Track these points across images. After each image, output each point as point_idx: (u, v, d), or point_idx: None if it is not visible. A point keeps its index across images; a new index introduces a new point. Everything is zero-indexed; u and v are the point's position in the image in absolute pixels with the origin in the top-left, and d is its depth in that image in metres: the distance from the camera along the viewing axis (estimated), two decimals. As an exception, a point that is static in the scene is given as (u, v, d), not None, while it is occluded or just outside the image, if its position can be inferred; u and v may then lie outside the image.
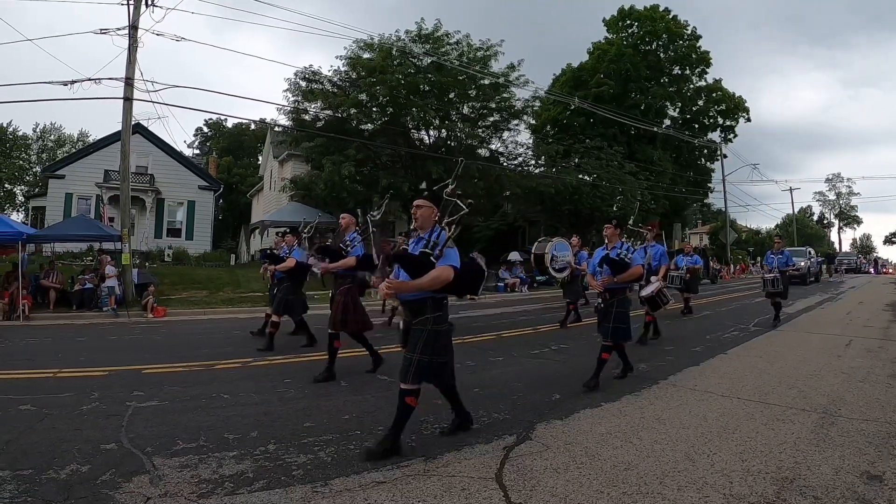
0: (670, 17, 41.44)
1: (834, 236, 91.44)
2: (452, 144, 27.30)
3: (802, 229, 69.71)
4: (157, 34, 17.82)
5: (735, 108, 43.36)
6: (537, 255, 11.54)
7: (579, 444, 4.61)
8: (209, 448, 4.52)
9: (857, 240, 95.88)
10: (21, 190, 54.00)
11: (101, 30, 17.24)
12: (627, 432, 4.90)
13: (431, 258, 4.31)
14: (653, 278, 10.11)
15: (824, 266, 40.39)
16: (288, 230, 10.41)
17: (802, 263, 28.19)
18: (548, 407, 5.73)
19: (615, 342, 6.75)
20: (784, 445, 4.53)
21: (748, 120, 44.30)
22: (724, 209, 46.27)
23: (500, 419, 5.31)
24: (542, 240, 11.92)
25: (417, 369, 4.31)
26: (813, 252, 37.28)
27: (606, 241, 7.06)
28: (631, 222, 7.55)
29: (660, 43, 41.73)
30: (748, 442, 4.62)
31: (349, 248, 7.21)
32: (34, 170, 53.93)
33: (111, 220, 26.70)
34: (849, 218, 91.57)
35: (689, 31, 41.90)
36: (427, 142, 27.92)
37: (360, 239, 7.24)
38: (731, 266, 40.01)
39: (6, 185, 53.91)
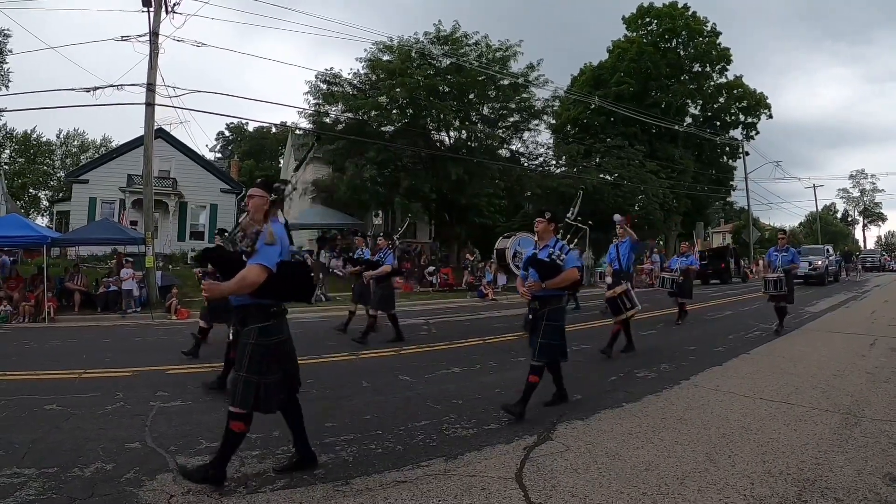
0: (689, 13, 41.12)
1: (858, 234, 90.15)
2: (473, 145, 27.33)
3: (826, 227, 68.77)
4: (178, 40, 18.01)
5: (757, 104, 42.92)
6: (499, 250, 11.23)
7: (600, 444, 4.61)
8: (232, 447, 4.59)
9: (882, 237, 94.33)
10: (45, 195, 54.96)
11: (123, 37, 17.57)
12: (648, 432, 4.89)
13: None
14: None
15: (843, 265, 36.05)
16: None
17: (820, 263, 27.12)
18: (569, 407, 5.73)
19: (545, 361, 5.55)
20: (806, 446, 4.50)
21: (770, 117, 43.84)
22: (746, 207, 45.77)
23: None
24: (506, 235, 11.83)
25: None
26: (831, 250, 33.72)
27: (536, 237, 5.89)
28: (570, 214, 6.42)
29: (679, 40, 41.43)
30: (770, 443, 4.59)
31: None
32: (58, 175, 54.82)
33: (133, 223, 27.08)
34: (873, 215, 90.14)
35: (708, 28, 41.55)
36: (447, 143, 27.97)
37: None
38: (758, 264, 39.43)
39: (31, 190, 54.90)
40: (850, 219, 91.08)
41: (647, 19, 41.93)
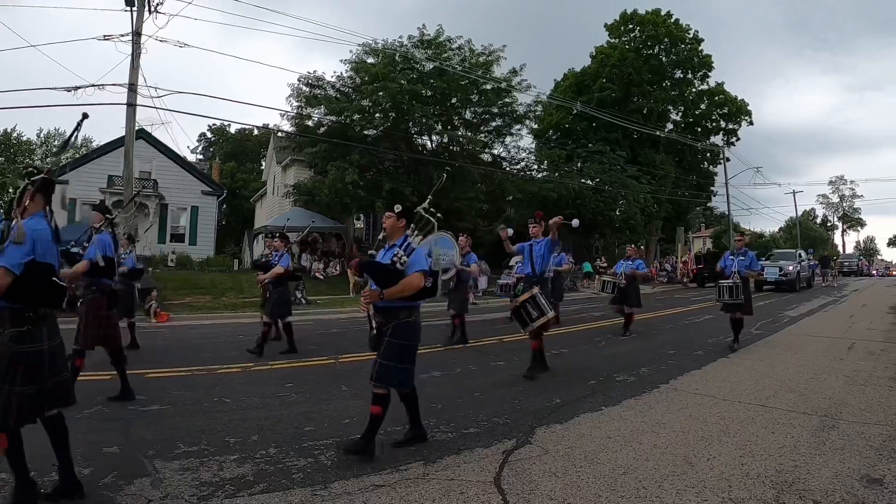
0: (672, 21, 41.40)
1: (837, 239, 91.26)
2: (455, 149, 27.32)
3: (806, 232, 69.50)
4: (161, 40, 17.85)
5: (737, 111, 43.33)
6: None
7: (579, 448, 4.61)
8: (210, 451, 4.54)
9: (861, 242, 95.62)
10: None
11: (105, 36, 17.35)
12: (627, 436, 4.90)
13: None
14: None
15: (819, 270, 34.01)
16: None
17: (791, 268, 26.15)
18: (548, 411, 5.72)
19: (385, 389, 4.48)
20: (784, 449, 4.53)
21: (751, 123, 44.27)
22: (727, 213, 46.19)
23: (500, 423, 5.30)
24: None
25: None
26: (805, 255, 31.53)
27: (385, 234, 4.88)
28: (426, 205, 5.14)
29: (662, 47, 41.69)
30: (748, 446, 4.62)
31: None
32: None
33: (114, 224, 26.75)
34: (852, 220, 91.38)
35: (690, 35, 41.85)
36: (430, 147, 27.94)
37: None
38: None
39: (10, 191, 54.10)
40: (829, 224, 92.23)
41: (630, 26, 42.15)
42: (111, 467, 4.16)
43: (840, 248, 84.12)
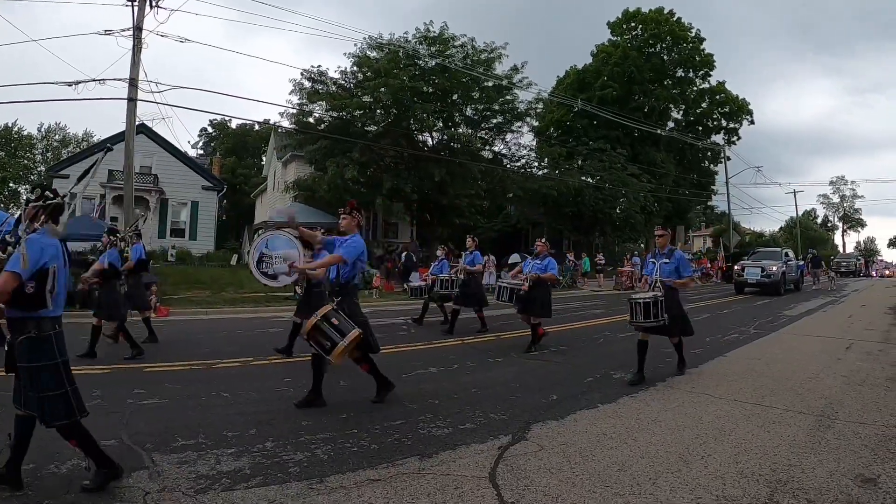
0: (674, 19, 41.43)
1: (838, 239, 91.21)
2: (455, 146, 27.33)
3: (806, 232, 69.46)
4: (162, 35, 17.82)
5: (738, 110, 43.39)
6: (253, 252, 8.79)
7: (574, 444, 4.62)
8: (208, 445, 4.55)
9: (861, 243, 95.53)
10: (26, 189, 54.16)
11: (106, 31, 17.33)
12: (623, 433, 4.91)
13: None
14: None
15: (809, 270, 30.74)
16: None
17: (775, 268, 22.97)
18: (545, 408, 5.74)
19: (42, 421, 3.56)
20: (779, 448, 4.54)
21: (751, 122, 44.36)
22: (727, 212, 46.15)
23: (496, 419, 5.32)
24: (260, 232, 9.84)
25: None
26: (792, 254, 28.47)
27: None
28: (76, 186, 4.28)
29: (664, 45, 41.70)
30: (743, 444, 4.63)
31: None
32: (39, 169, 54.10)
33: (114, 219, 26.79)
34: (853, 221, 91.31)
35: (693, 34, 41.88)
36: (430, 143, 27.94)
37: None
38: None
39: (10, 185, 54.10)
40: (829, 224, 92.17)
41: (633, 24, 42.18)
42: (109, 460, 4.16)
43: (840, 249, 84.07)
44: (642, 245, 44.33)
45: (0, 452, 3.70)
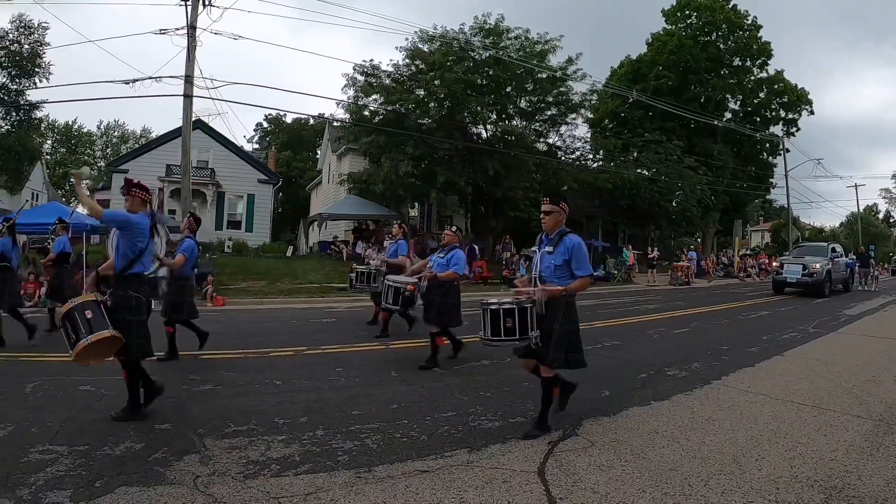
0: (730, 6, 40.30)
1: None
2: (509, 139, 27.22)
3: (867, 227, 66.78)
4: (215, 33, 18.45)
5: (797, 100, 41.80)
6: None
7: (625, 441, 4.61)
8: (259, 431, 4.72)
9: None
10: (86, 184, 56.17)
11: (161, 30, 17.96)
12: (675, 432, 4.87)
13: None
14: None
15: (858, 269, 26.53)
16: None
17: (818, 266, 20.16)
18: (597, 403, 5.73)
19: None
20: (836, 453, 4.43)
21: (811, 113, 42.63)
22: (786, 205, 44.74)
23: (547, 415, 5.33)
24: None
25: None
26: (840, 250, 24.62)
27: None
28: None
29: (719, 34, 40.56)
30: (798, 447, 4.54)
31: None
32: (99, 164, 56.11)
33: (172, 212, 27.66)
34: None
35: (749, 21, 40.59)
36: (484, 136, 27.89)
37: None
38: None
39: (72, 180, 56.29)
40: (892, 220, 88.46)
41: (687, 12, 41.14)
42: (162, 443, 4.38)
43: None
44: (698, 239, 43.41)
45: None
